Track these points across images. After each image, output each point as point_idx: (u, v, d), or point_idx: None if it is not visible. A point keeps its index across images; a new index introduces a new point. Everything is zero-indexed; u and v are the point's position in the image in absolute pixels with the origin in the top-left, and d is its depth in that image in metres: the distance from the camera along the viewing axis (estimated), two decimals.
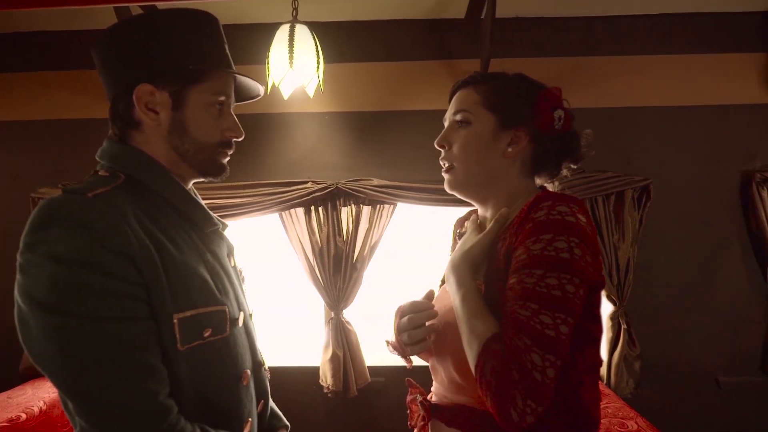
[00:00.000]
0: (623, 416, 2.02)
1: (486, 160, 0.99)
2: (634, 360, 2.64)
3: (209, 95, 0.91)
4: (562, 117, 0.98)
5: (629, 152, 2.75)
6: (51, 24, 2.77)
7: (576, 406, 0.87)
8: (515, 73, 1.05)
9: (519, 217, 0.91)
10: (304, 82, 2.20)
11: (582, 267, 0.82)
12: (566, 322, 0.79)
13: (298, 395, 2.79)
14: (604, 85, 2.75)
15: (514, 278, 0.84)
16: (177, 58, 0.88)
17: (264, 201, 2.65)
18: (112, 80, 0.90)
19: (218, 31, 0.96)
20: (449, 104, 1.06)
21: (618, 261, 2.64)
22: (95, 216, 0.74)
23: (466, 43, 2.74)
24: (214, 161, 0.95)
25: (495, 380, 0.78)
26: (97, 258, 0.72)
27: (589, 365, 0.90)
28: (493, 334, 0.82)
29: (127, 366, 0.72)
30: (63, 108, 2.81)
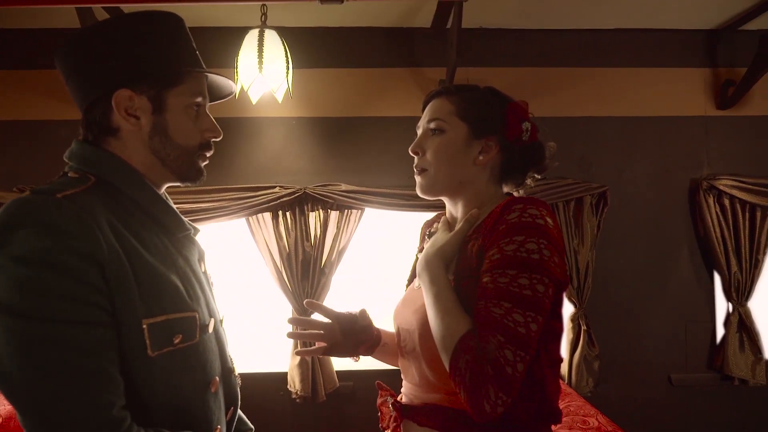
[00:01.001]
0: (585, 414, 2.10)
1: (458, 166, 1.03)
2: (593, 360, 2.74)
3: (187, 97, 0.91)
4: (529, 129, 1.04)
5: (588, 160, 2.87)
6: (10, 22, 2.67)
7: (540, 398, 0.93)
8: (486, 87, 1.11)
9: (491, 218, 0.96)
10: (273, 87, 2.21)
11: (551, 267, 0.87)
12: (536, 320, 0.84)
13: (266, 401, 2.76)
14: (564, 95, 2.86)
15: (487, 277, 0.88)
16: (153, 61, 0.88)
17: (231, 206, 2.63)
18: (87, 86, 0.88)
19: (186, 32, 0.96)
20: (422, 112, 1.11)
21: (578, 265, 2.74)
22: (64, 218, 0.72)
23: (432, 51, 2.80)
24: (193, 164, 0.95)
25: (469, 375, 0.82)
26: (63, 261, 0.70)
27: (551, 360, 0.95)
28: (467, 331, 0.86)
29: (82, 373, 0.69)
30: (20, 108, 2.70)
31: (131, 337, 0.77)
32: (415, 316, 1.03)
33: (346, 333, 1.17)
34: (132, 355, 0.77)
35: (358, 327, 1.17)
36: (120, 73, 0.86)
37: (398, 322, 1.14)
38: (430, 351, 0.95)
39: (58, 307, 0.69)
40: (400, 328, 1.11)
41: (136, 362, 0.77)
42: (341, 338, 1.17)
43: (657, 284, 2.89)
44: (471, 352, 0.83)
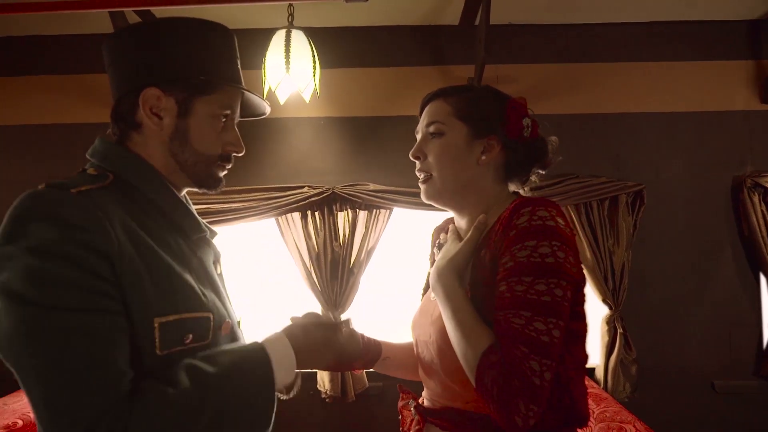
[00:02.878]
0: (621, 420, 2.02)
1: (461, 168, 1.02)
2: (630, 364, 2.65)
3: (215, 107, 0.91)
4: (530, 125, 1.02)
5: (623, 158, 2.78)
6: (45, 28, 2.77)
7: (568, 403, 0.90)
8: (483, 86, 1.10)
9: (500, 223, 0.94)
10: (301, 87, 2.22)
11: (567, 269, 0.85)
12: (558, 325, 0.82)
13: (296, 400, 2.72)
14: (597, 91, 2.78)
15: (503, 286, 0.86)
16: (189, 67, 0.88)
17: (261, 206, 2.66)
18: (120, 80, 0.90)
19: (232, 46, 0.96)
20: (420, 116, 1.10)
21: (613, 265, 2.65)
22: (76, 212, 0.72)
23: (460, 49, 2.77)
24: (211, 173, 0.95)
25: (497, 390, 0.80)
26: (72, 252, 0.70)
27: (576, 362, 0.93)
28: (489, 346, 0.84)
29: (90, 359, 0.69)
30: (58, 112, 2.80)
31: (141, 335, 0.76)
32: (432, 327, 1.01)
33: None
34: (140, 354, 0.77)
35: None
36: (153, 71, 0.88)
37: (416, 333, 1.12)
38: (450, 362, 0.93)
39: (66, 296, 0.69)
40: (418, 340, 1.10)
41: (144, 360, 0.77)
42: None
43: (698, 286, 2.78)
44: (496, 367, 0.82)
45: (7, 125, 2.83)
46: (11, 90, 2.83)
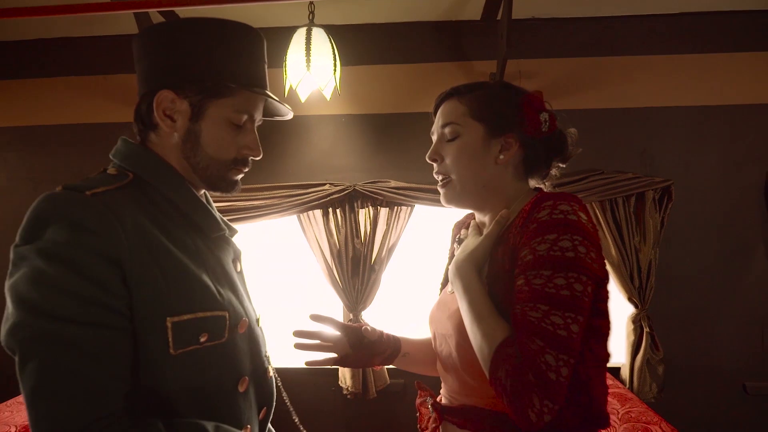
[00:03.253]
0: (647, 421, 1.98)
1: (480, 168, 1.00)
2: (657, 364, 2.59)
3: (230, 112, 0.90)
4: (548, 119, 1.00)
5: (650, 153, 2.71)
6: (71, 30, 2.84)
7: (587, 402, 0.88)
8: (496, 81, 1.08)
9: (521, 217, 0.92)
10: (321, 85, 2.22)
11: (588, 264, 0.83)
12: (576, 320, 0.80)
13: (318, 396, 2.80)
14: (624, 85, 2.72)
15: (521, 279, 0.85)
16: (203, 69, 0.87)
17: (282, 203, 2.68)
18: (141, 81, 0.91)
19: (255, 48, 0.93)
20: (434, 116, 1.08)
21: (639, 263, 2.60)
22: (88, 215, 0.73)
23: (481, 44, 2.74)
24: (224, 177, 0.94)
25: (511, 384, 0.79)
26: (78, 258, 0.71)
27: (597, 360, 0.90)
28: (504, 338, 0.83)
29: (77, 374, 0.69)
30: (85, 112, 2.87)
31: (153, 334, 0.77)
32: (450, 321, 1.01)
33: (355, 346, 1.16)
34: (153, 353, 0.77)
35: (367, 341, 1.16)
36: (168, 73, 0.88)
37: (434, 328, 1.12)
38: (468, 357, 0.92)
39: (63, 305, 0.70)
40: (436, 334, 1.09)
41: (157, 360, 0.78)
42: (351, 351, 1.17)
43: (728, 285, 2.70)
44: (510, 360, 0.80)
45: (42, 125, 2.91)
46: (45, 91, 2.91)
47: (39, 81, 2.91)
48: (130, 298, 0.76)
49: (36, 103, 2.91)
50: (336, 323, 1.15)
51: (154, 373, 0.78)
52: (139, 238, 0.78)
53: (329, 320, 1.14)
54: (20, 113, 2.92)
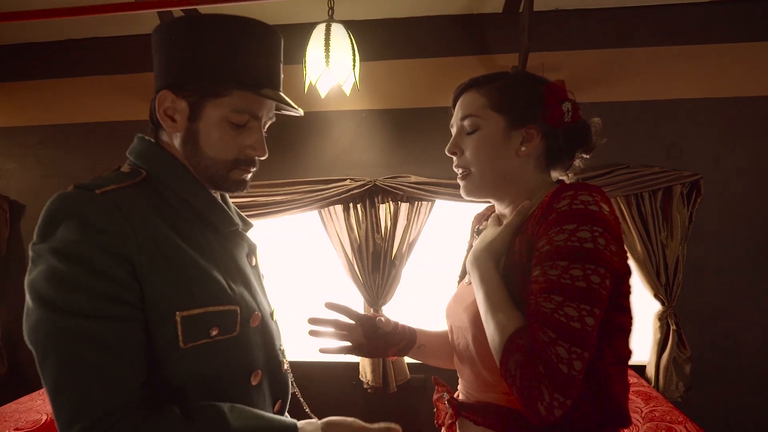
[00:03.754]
0: (671, 420, 1.94)
1: (500, 161, 0.98)
2: (684, 362, 2.53)
3: (227, 111, 0.88)
4: (570, 109, 0.97)
5: (678, 146, 2.64)
6: (99, 30, 2.91)
7: (605, 400, 0.86)
8: (517, 71, 1.05)
9: (540, 208, 0.90)
10: (341, 80, 2.23)
11: (607, 257, 0.80)
12: (592, 313, 0.78)
13: (339, 390, 2.82)
14: (650, 76, 2.64)
15: (537, 270, 0.84)
16: (202, 69, 0.86)
17: (303, 198, 2.70)
18: (154, 79, 0.92)
19: (260, 46, 0.90)
20: (453, 108, 1.06)
21: (666, 259, 2.54)
22: (97, 214, 0.75)
23: (503, 37, 2.70)
24: (226, 177, 0.92)
25: (520, 375, 0.78)
26: (89, 256, 0.73)
27: (617, 357, 0.88)
28: (517, 328, 0.82)
29: (92, 366, 0.72)
30: (114, 110, 2.94)
31: (163, 328, 0.79)
32: (466, 313, 0.99)
33: (370, 336, 1.16)
34: (164, 346, 0.79)
35: (381, 332, 1.16)
36: (169, 73, 0.88)
37: (450, 320, 1.11)
38: (484, 349, 0.91)
39: (78, 300, 0.72)
40: (453, 326, 1.08)
41: (167, 353, 0.79)
42: (365, 340, 1.17)
43: (759, 281, 2.61)
44: (521, 350, 0.79)
45: (72, 123, 3.01)
46: (75, 90, 3.00)
47: (69, 80, 3.00)
48: (141, 291, 0.78)
49: (67, 102, 3.00)
50: (351, 312, 1.15)
51: (165, 365, 0.80)
52: (147, 234, 0.79)
53: (344, 309, 1.15)
54: (53, 112, 3.02)
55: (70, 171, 2.98)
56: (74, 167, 2.98)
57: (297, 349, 2.92)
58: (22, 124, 3.04)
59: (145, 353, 0.78)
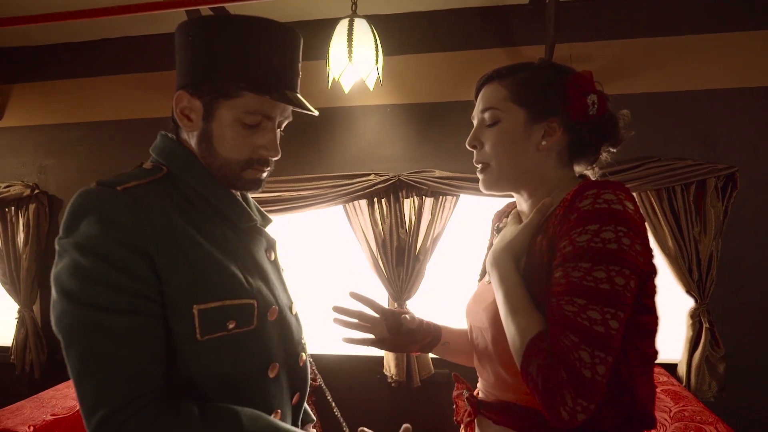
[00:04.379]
0: (701, 421, 1.88)
1: (520, 156, 0.95)
2: (717, 361, 2.45)
3: (239, 112, 0.89)
4: (596, 101, 0.93)
5: (713, 138, 2.54)
6: (131, 30, 2.99)
7: (630, 402, 0.83)
8: (542, 61, 1.00)
9: (562, 206, 0.88)
10: (363, 75, 2.23)
11: (632, 257, 0.78)
12: (616, 316, 0.76)
13: (363, 383, 2.84)
14: (682, 66, 2.56)
15: (559, 272, 0.81)
16: (216, 69, 0.88)
17: (328, 193, 2.72)
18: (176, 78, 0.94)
19: (274, 46, 0.90)
20: (475, 100, 1.03)
21: (699, 255, 2.46)
22: (117, 209, 0.78)
23: (530, 29, 2.66)
24: (239, 177, 0.93)
25: (542, 379, 0.76)
26: (109, 250, 0.76)
27: (642, 359, 0.85)
28: (538, 332, 0.80)
29: (112, 358, 0.74)
30: (146, 108, 3.03)
31: (181, 321, 0.81)
32: (485, 313, 0.98)
33: (393, 331, 1.16)
34: (181, 338, 0.81)
35: (405, 329, 1.15)
36: (186, 73, 0.91)
37: (470, 320, 1.09)
38: (504, 350, 0.89)
39: (100, 294, 0.75)
40: (472, 326, 1.07)
41: (185, 345, 0.82)
42: (388, 335, 1.16)
43: None
44: (542, 355, 0.77)
45: (107, 120, 3.11)
46: (110, 88, 3.10)
47: (103, 78, 3.10)
48: (160, 285, 0.80)
49: (101, 100, 3.11)
50: (375, 305, 1.15)
51: (184, 357, 0.82)
52: (165, 229, 0.82)
53: (369, 301, 1.15)
54: (88, 109, 3.13)
55: (104, 166, 3.08)
56: (108, 162, 3.08)
57: (322, 342, 2.96)
58: (59, 122, 3.16)
59: (164, 345, 0.80)
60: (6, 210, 3.09)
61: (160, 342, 0.80)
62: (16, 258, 3.08)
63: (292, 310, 1.04)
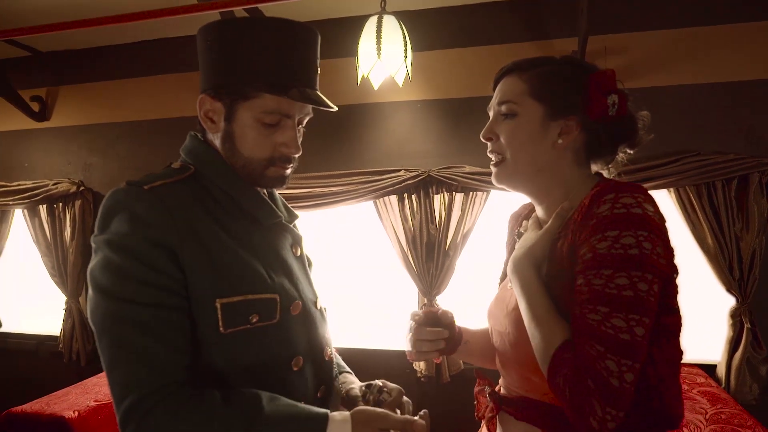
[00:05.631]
0: (738, 424, 1.83)
1: (535, 152, 0.94)
2: (759, 363, 2.36)
3: (258, 112, 0.91)
4: (617, 102, 0.90)
5: (758, 132, 2.43)
6: (167, 32, 3.08)
7: (658, 406, 0.83)
8: (564, 57, 0.98)
9: (579, 212, 0.87)
10: (392, 72, 2.24)
11: (654, 261, 0.77)
12: (641, 322, 0.75)
13: (393, 378, 2.83)
14: (724, 56, 2.45)
15: (581, 279, 0.81)
16: (232, 71, 0.90)
17: (359, 189, 2.74)
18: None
19: (291, 45, 0.92)
20: (493, 92, 1.02)
21: (740, 253, 2.37)
22: (144, 208, 0.82)
23: (561, 21, 2.59)
24: (263, 175, 0.96)
25: (569, 390, 0.76)
26: (136, 246, 0.80)
27: (668, 360, 0.84)
28: (563, 342, 0.80)
29: (138, 349, 0.78)
30: (183, 107, 3.12)
31: (205, 314, 0.85)
32: (507, 319, 0.98)
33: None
34: (206, 331, 0.85)
35: (441, 325, 1.14)
36: (208, 77, 0.94)
37: (492, 323, 1.09)
38: (528, 354, 0.89)
39: (128, 288, 0.80)
40: (494, 330, 1.07)
41: (209, 338, 0.85)
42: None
43: None
44: (568, 365, 0.77)
45: (147, 120, 3.22)
46: (149, 88, 3.20)
47: (143, 79, 3.21)
48: (184, 279, 0.84)
49: (142, 99, 3.22)
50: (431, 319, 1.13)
51: (208, 349, 0.86)
52: (190, 226, 0.85)
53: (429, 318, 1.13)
54: (129, 109, 3.25)
55: (144, 164, 3.19)
56: (148, 160, 3.19)
57: (354, 336, 3.00)
58: (102, 121, 3.30)
59: (189, 337, 0.84)
60: (54, 206, 3.25)
61: (185, 334, 0.83)
62: (63, 252, 3.24)
63: (317, 305, 1.06)
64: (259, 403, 0.82)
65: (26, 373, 3.46)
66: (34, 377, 3.42)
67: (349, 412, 0.86)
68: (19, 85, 3.24)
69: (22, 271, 3.62)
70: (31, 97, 3.31)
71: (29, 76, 3.35)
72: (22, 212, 3.32)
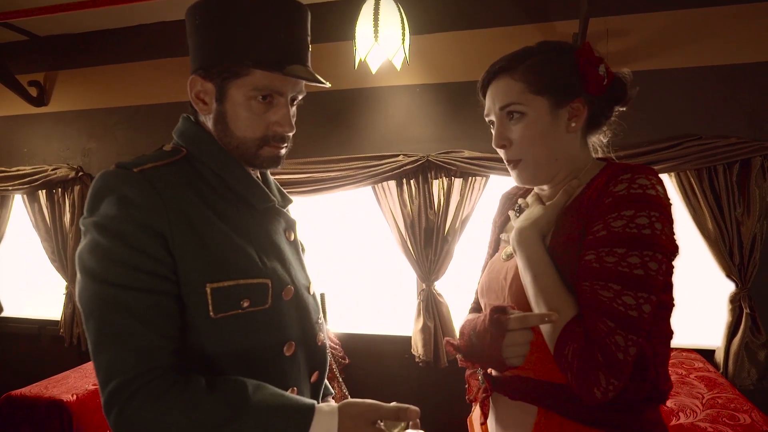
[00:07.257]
0: (735, 408, 1.83)
1: (552, 143, 0.96)
2: (758, 348, 2.36)
3: (249, 90, 0.89)
4: (605, 70, 0.94)
5: (760, 115, 2.40)
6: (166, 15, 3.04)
7: (652, 378, 0.86)
8: (539, 43, 0.99)
9: (594, 189, 0.89)
10: (390, 55, 2.21)
11: (663, 241, 0.81)
12: (649, 300, 0.79)
13: (392, 363, 2.88)
14: (728, 38, 2.40)
15: (591, 254, 0.83)
16: (221, 50, 0.88)
17: (357, 174, 2.73)
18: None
19: (280, 21, 0.89)
20: (481, 96, 1.02)
21: (741, 237, 2.35)
22: (133, 191, 0.81)
23: (561, 3, 2.55)
24: (256, 155, 0.94)
25: (577, 363, 0.80)
26: (125, 229, 0.79)
27: (663, 336, 0.89)
28: (573, 317, 0.83)
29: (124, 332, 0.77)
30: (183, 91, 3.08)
31: (194, 299, 0.84)
32: (508, 292, 0.98)
33: None
34: (195, 316, 0.85)
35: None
36: (197, 57, 0.92)
37: (487, 300, 1.09)
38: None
39: (116, 271, 0.79)
40: (489, 305, 1.06)
41: (198, 322, 0.85)
42: None
43: None
44: (577, 338, 0.81)
45: (144, 104, 3.20)
46: (147, 73, 3.18)
47: (140, 64, 3.18)
48: (174, 264, 0.83)
49: (139, 84, 3.19)
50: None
51: (197, 334, 0.85)
52: (180, 209, 0.85)
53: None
54: (127, 94, 3.23)
55: (143, 149, 3.17)
56: (147, 145, 3.17)
57: (353, 322, 3.00)
58: (100, 106, 3.28)
59: (177, 323, 0.83)
60: (53, 191, 3.25)
61: (173, 319, 0.83)
62: (63, 237, 3.25)
63: (309, 290, 1.05)
64: (245, 391, 0.81)
65: (28, 357, 3.50)
66: (36, 362, 3.45)
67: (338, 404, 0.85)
68: (16, 70, 3.22)
69: (23, 256, 3.63)
70: (29, 81, 3.29)
71: (27, 60, 3.34)
72: (22, 197, 3.32)
